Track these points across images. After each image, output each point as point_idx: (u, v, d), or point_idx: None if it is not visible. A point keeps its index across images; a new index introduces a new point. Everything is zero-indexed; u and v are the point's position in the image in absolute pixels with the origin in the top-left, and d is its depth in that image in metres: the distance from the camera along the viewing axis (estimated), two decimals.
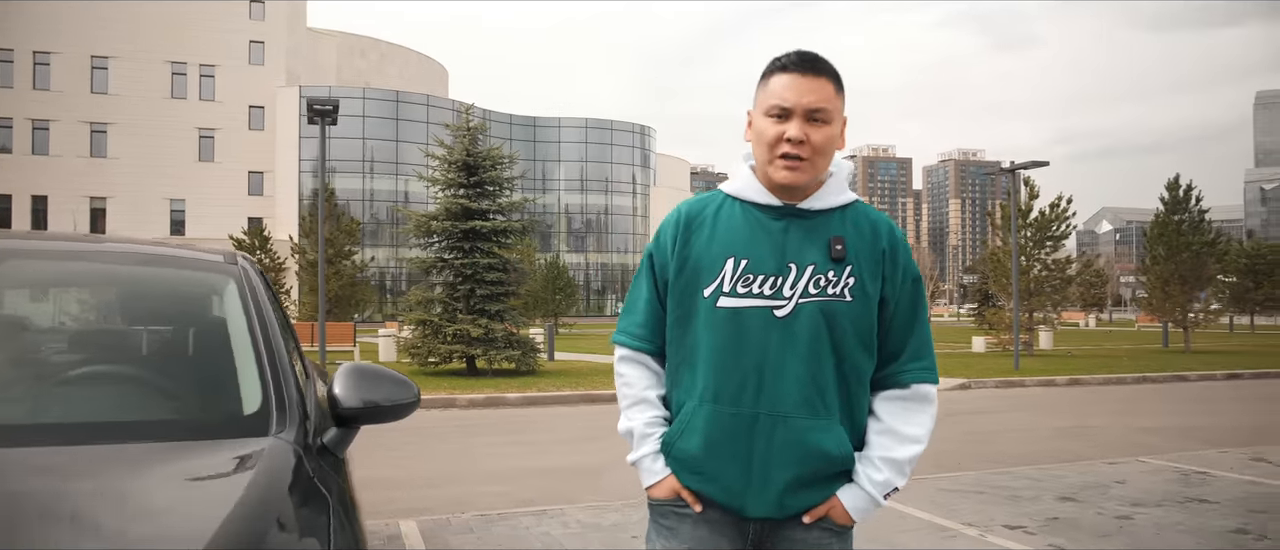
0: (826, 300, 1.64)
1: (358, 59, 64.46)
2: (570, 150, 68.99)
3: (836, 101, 1.67)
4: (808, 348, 1.63)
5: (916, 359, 1.72)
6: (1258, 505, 5.57)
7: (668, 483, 1.69)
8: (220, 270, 2.16)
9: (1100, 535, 4.83)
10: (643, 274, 1.77)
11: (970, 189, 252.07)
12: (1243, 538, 4.78)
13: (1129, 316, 65.17)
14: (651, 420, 1.73)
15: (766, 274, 1.64)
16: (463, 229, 14.39)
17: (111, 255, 2.18)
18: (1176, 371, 16.64)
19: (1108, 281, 68.58)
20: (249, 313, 1.98)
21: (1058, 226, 23.30)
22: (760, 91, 1.70)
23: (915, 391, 1.71)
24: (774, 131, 1.64)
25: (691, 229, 1.71)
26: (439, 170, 15.12)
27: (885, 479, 1.67)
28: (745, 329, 1.63)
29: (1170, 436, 8.88)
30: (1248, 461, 7.18)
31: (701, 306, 1.66)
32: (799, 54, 1.68)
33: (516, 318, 15.03)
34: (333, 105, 11.73)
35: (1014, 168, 20.15)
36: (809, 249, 1.65)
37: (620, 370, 1.79)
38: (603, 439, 9.10)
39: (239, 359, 1.87)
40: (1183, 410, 11.47)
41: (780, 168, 1.64)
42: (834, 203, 1.69)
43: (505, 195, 15.15)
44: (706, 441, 1.64)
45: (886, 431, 1.69)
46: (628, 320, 1.78)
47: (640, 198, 71.19)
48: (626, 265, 71.29)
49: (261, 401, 1.71)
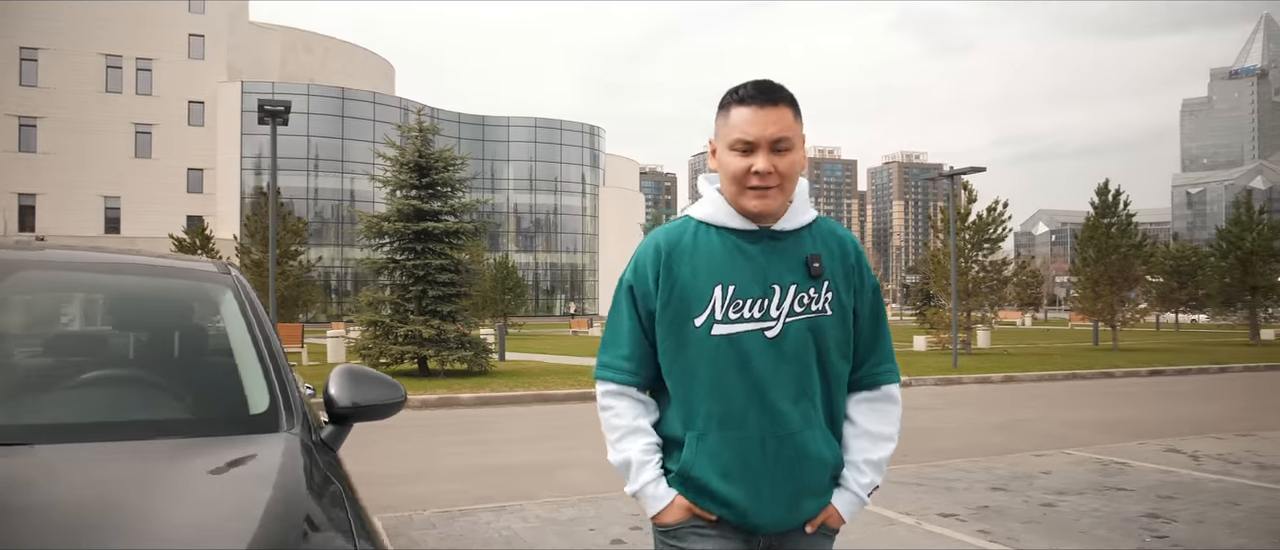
0: (811, 317, 1.69)
1: (302, 54, 63.30)
2: (519, 149, 68.76)
3: (796, 126, 1.71)
4: (797, 364, 1.69)
5: (883, 361, 1.81)
6: (1167, 492, 6.02)
7: (678, 504, 1.70)
8: (216, 280, 2.33)
9: (1025, 522, 5.20)
10: (623, 305, 1.76)
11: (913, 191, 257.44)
12: (1152, 521, 5.19)
13: (1063, 315, 67.38)
14: (646, 448, 1.72)
15: (753, 297, 1.68)
16: (415, 230, 14.43)
17: (114, 266, 2.33)
18: (1104, 369, 17.43)
19: (1043, 282, 70.74)
20: (248, 319, 2.16)
21: (995, 229, 24.14)
22: (721, 124, 1.72)
23: (884, 392, 1.81)
24: (741, 165, 1.67)
25: (673, 258, 1.72)
26: (391, 171, 15.11)
27: (869, 480, 1.76)
28: (742, 353, 1.66)
29: (1095, 430, 9.40)
30: (1162, 452, 7.68)
31: (694, 336, 1.68)
32: (756, 86, 1.70)
33: (469, 319, 15.12)
34: (284, 105, 11.68)
35: (953, 173, 20.85)
36: (788, 269, 1.70)
37: (607, 404, 1.76)
38: (557, 438, 9.29)
39: (243, 362, 2.04)
40: (1108, 405, 12.09)
41: (752, 198, 1.67)
42: (802, 221, 1.75)
43: (457, 196, 15.22)
44: (721, 469, 1.67)
45: (863, 434, 1.77)
46: (611, 353, 1.76)
47: (589, 198, 71.27)
48: (576, 265, 71.30)
49: (269, 401, 1.89)
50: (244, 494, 1.45)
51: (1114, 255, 26.51)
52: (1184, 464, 7.12)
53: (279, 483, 1.46)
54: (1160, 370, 17.63)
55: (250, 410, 1.89)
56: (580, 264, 71.39)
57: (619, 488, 6.34)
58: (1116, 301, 26.98)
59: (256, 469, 1.57)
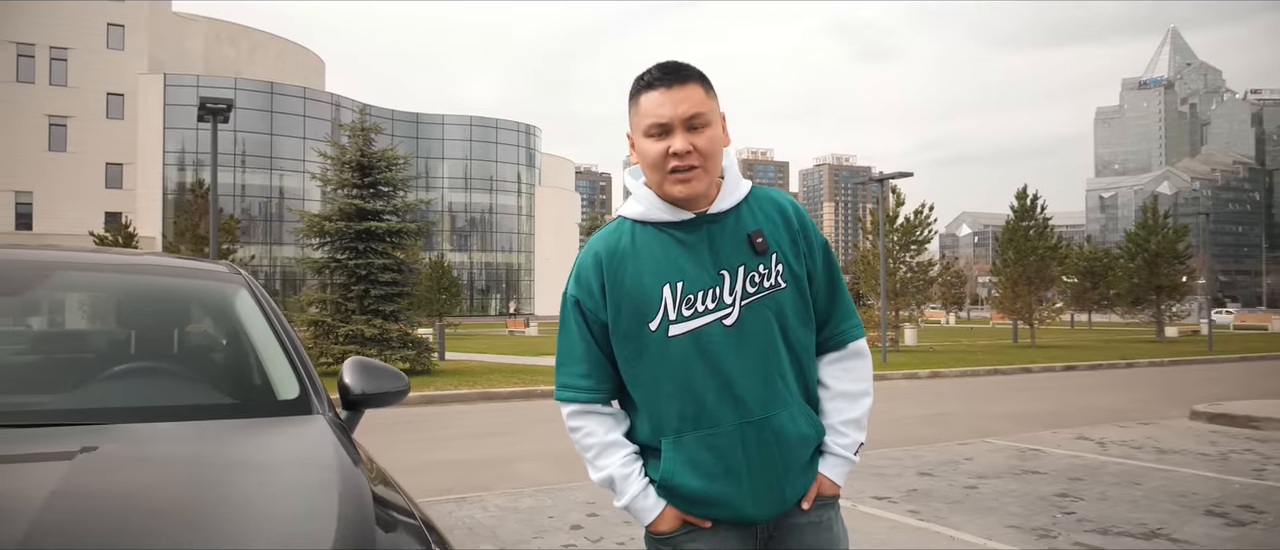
0: (766, 293, 1.64)
1: (227, 47, 61.58)
2: (454, 148, 68.14)
3: (710, 102, 1.63)
4: (762, 345, 1.63)
5: (845, 319, 1.75)
6: (1076, 474, 6.57)
7: (669, 514, 1.65)
8: (229, 280, 2.54)
9: (950, 502, 5.66)
10: (571, 321, 1.69)
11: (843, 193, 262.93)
12: (1062, 500, 5.70)
13: (985, 314, 69.87)
14: (625, 460, 1.66)
15: (704, 288, 1.62)
16: (357, 229, 14.42)
17: (137, 267, 2.52)
18: (1023, 365, 18.36)
19: (966, 282, 73.30)
20: (266, 314, 2.39)
21: (921, 231, 25.11)
22: (633, 113, 1.65)
23: (851, 349, 1.75)
24: (658, 149, 1.60)
25: (614, 265, 1.65)
26: (332, 170, 15.06)
27: (851, 440, 1.72)
28: (703, 349, 1.61)
29: (1013, 421, 10.03)
30: (1072, 439, 8.30)
31: (651, 340, 1.62)
32: (660, 68, 1.64)
33: (411, 318, 15.16)
34: (226, 103, 11.58)
35: (883, 178, 21.64)
36: (733, 251, 1.64)
37: (575, 425, 1.70)
38: (506, 433, 9.50)
39: (266, 353, 2.27)
40: (1026, 398, 12.83)
41: (675, 182, 1.61)
42: (738, 197, 1.68)
43: (400, 196, 15.24)
44: (704, 473, 1.62)
45: (838, 395, 1.72)
46: (568, 372, 1.69)
47: (525, 197, 71.04)
48: (512, 265, 71.00)
49: (299, 388, 2.13)
50: (316, 462, 1.69)
51: (1032, 257, 27.80)
52: (1092, 450, 7.73)
53: (336, 456, 1.71)
54: (1074, 366, 18.64)
55: (280, 396, 2.12)
56: (516, 264, 71.13)
57: (574, 477, 6.62)
58: (1034, 301, 28.29)
59: (314, 445, 1.81)
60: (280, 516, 1.42)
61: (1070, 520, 5.17)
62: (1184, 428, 9.21)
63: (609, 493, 1.70)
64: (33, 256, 2.36)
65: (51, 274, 2.32)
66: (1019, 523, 5.11)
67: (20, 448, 1.62)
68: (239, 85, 54.44)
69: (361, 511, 1.44)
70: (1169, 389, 14.12)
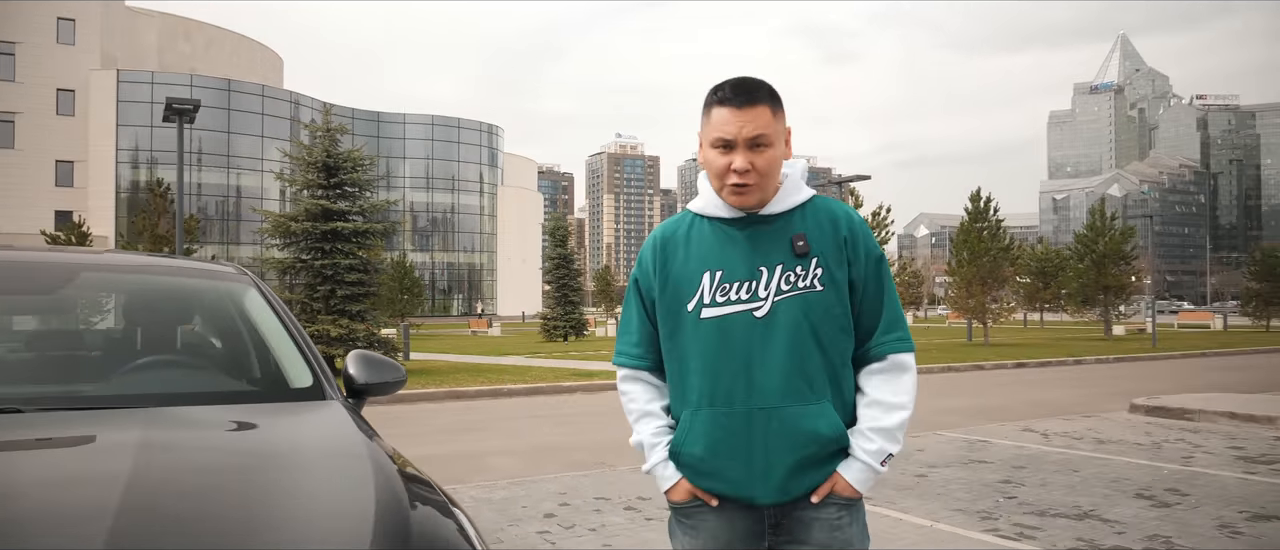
0: (799, 294, 1.73)
1: (181, 43, 60.56)
2: (415, 147, 67.74)
3: (775, 124, 1.75)
4: (789, 341, 1.72)
5: (889, 331, 1.80)
6: (1019, 463, 6.97)
7: (681, 486, 1.79)
8: (238, 280, 2.76)
9: (901, 489, 6.00)
10: (631, 297, 1.89)
11: None
12: (1005, 486, 6.08)
13: (942, 313, 71.27)
14: (657, 430, 1.83)
15: (740, 280, 1.75)
16: (323, 230, 14.47)
17: (151, 268, 2.73)
18: (976, 362, 18.94)
19: (924, 282, 74.67)
20: (275, 310, 2.61)
21: (880, 233, 25.70)
22: (704, 122, 1.78)
23: (892, 362, 1.79)
24: (721, 162, 1.74)
25: (668, 251, 1.83)
26: (298, 170, 15.08)
27: (877, 447, 1.75)
28: (729, 334, 1.73)
29: (964, 415, 10.46)
30: (1019, 432, 8.73)
31: (687, 320, 1.77)
32: (733, 86, 1.75)
33: (377, 318, 15.24)
34: (193, 104, 11.59)
35: (842, 180, 22.15)
36: (775, 250, 1.76)
37: (623, 388, 1.90)
38: (476, 430, 9.69)
39: (278, 345, 2.49)
40: (977, 394, 13.32)
41: (731, 194, 1.75)
42: (792, 204, 1.79)
43: (366, 197, 15.32)
44: (708, 444, 1.75)
45: (872, 403, 1.77)
46: (624, 341, 1.91)
47: (488, 197, 70.84)
48: (474, 265, 70.76)
49: (312, 377, 2.36)
50: (346, 439, 1.92)
51: (985, 257, 28.53)
52: (1035, 441, 8.16)
53: (360, 435, 1.95)
54: (1024, 363, 19.28)
55: (295, 384, 2.35)
56: (478, 264, 70.90)
57: (546, 470, 6.87)
58: (988, 300, 29.05)
59: (340, 425, 2.04)
60: (328, 485, 1.64)
61: (1011, 504, 5.54)
62: (1123, 420, 9.70)
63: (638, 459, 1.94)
64: (60, 258, 2.55)
65: (77, 274, 2.52)
66: (964, 507, 5.47)
67: (78, 430, 1.83)
68: (195, 82, 53.57)
69: (393, 482, 1.67)
70: (1112, 384, 14.73)
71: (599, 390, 13.59)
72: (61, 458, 1.71)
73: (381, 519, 1.49)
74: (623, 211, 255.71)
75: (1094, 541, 4.66)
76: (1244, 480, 6.31)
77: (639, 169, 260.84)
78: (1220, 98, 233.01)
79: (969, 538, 4.77)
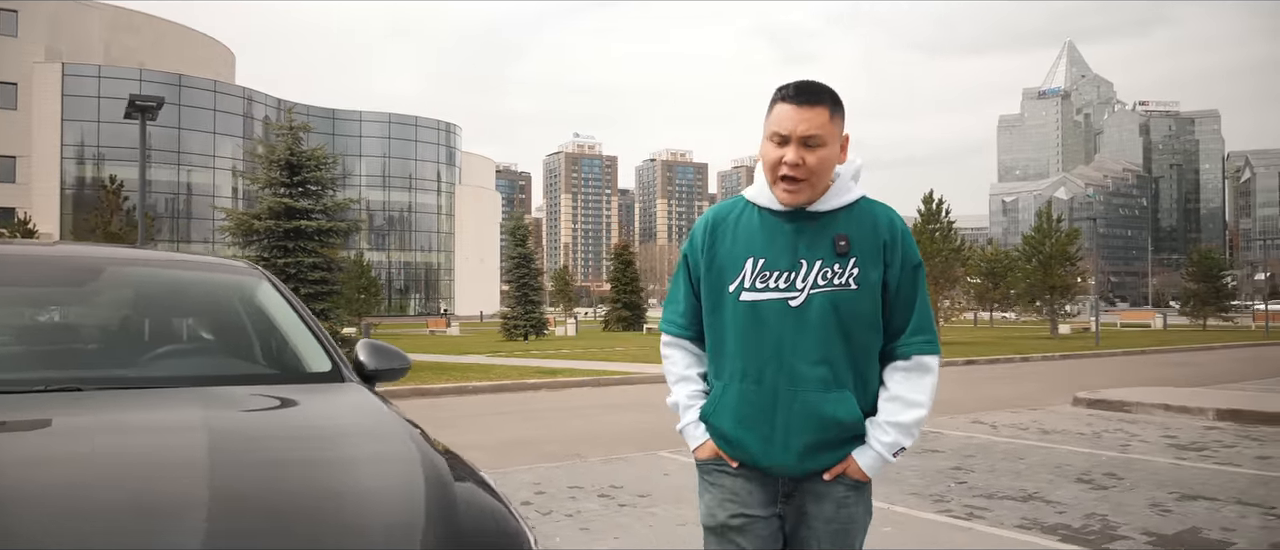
0: (834, 290, 1.84)
1: (129, 36, 59.15)
2: (372, 145, 67.02)
3: (831, 126, 1.85)
4: (818, 331, 1.83)
5: (917, 333, 1.91)
6: (969, 453, 7.35)
7: (708, 446, 1.95)
8: (250, 274, 2.94)
9: None
10: (680, 271, 2.03)
11: None
12: (957, 472, 6.44)
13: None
14: (692, 394, 1.99)
15: (781, 270, 1.86)
16: (286, 228, 14.45)
17: (171, 263, 2.91)
18: None
19: None
20: (288, 301, 2.79)
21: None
22: (767, 117, 1.89)
23: (917, 363, 1.89)
24: (775, 155, 1.85)
25: (717, 233, 1.95)
26: (261, 169, 15.02)
27: (892, 440, 1.87)
28: (764, 318, 1.85)
29: None
30: (969, 424, 9.15)
31: (728, 300, 1.90)
32: (797, 86, 1.86)
33: (341, 317, 15.25)
34: (156, 101, 11.53)
35: None
36: (817, 246, 1.86)
37: (665, 353, 2.06)
38: (445, 426, 9.81)
39: (293, 333, 2.68)
40: None
41: (781, 189, 1.86)
42: (839, 203, 1.89)
43: (329, 195, 15.32)
44: (736, 416, 1.89)
45: (893, 398, 1.89)
46: (670, 311, 2.05)
47: (445, 196, 70.41)
48: (431, 264, 70.27)
49: (330, 362, 2.55)
50: (379, 413, 2.13)
51: (938, 258, 29.27)
52: (985, 432, 8.57)
53: (388, 412, 2.16)
54: (974, 360, 19.90)
55: (314, 369, 2.54)
56: (436, 263, 70.43)
57: (520, 461, 7.07)
58: (940, 300, 29.80)
59: (367, 403, 2.25)
60: (378, 457, 1.82)
61: (962, 488, 5.89)
62: (1067, 413, 10.19)
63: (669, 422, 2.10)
64: (89, 252, 2.72)
65: (105, 268, 2.68)
66: (918, 491, 5.80)
67: (144, 405, 2.02)
68: (145, 77, 52.42)
69: (433, 455, 1.85)
70: (1057, 380, 15.33)
71: (564, 387, 13.79)
72: (144, 424, 1.90)
73: (431, 489, 1.66)
74: (580, 211, 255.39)
75: (1038, 520, 5.01)
76: (1175, 465, 6.76)
77: (597, 169, 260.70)
78: (1161, 104, 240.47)
79: (923, 518, 5.09)
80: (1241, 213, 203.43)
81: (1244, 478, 6.25)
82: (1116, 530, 4.79)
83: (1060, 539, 4.62)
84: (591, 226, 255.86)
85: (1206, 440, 8.01)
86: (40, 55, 50.52)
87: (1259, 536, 4.66)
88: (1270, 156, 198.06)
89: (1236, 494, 5.69)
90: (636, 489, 5.78)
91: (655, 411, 10.06)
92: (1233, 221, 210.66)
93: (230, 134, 56.73)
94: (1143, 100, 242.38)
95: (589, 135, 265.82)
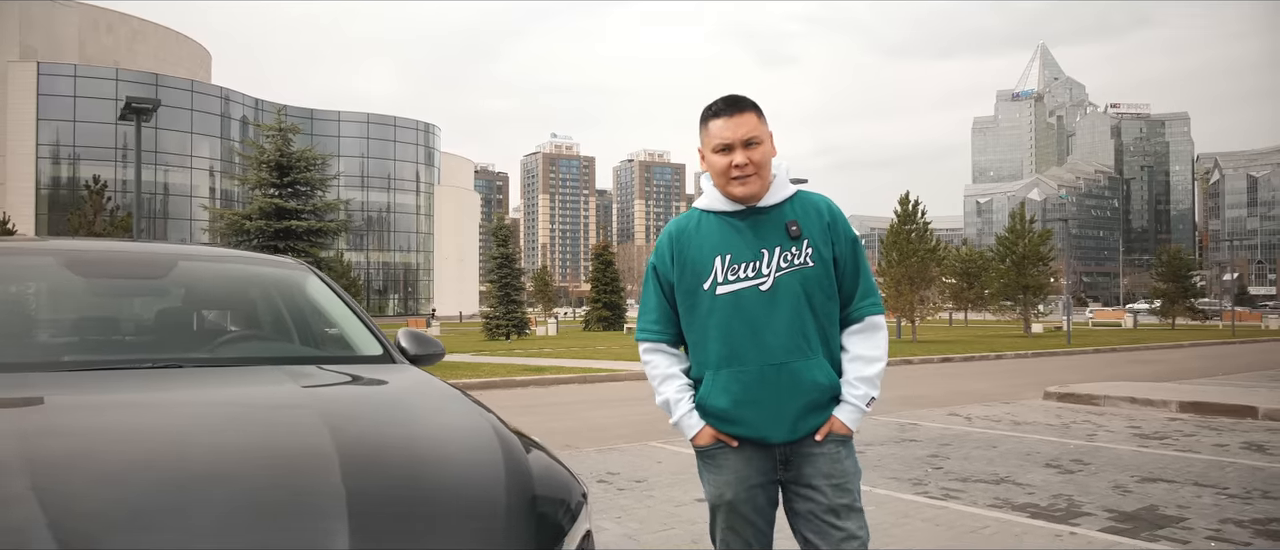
0: (796, 269, 2.11)
1: (104, 35, 58.67)
2: (350, 145, 66.78)
3: (761, 126, 2.13)
4: (790, 308, 2.10)
5: (865, 297, 2.20)
6: (945, 441, 7.73)
7: (706, 432, 2.16)
8: (298, 269, 3.23)
9: None
10: (650, 282, 2.26)
11: None
12: (933, 459, 6.81)
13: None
14: (680, 388, 2.20)
15: (747, 260, 2.12)
16: (276, 228, 14.62)
17: (227, 258, 3.18)
18: (905, 357, 19.95)
19: None
20: (336, 292, 3.08)
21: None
22: (703, 134, 2.18)
23: (868, 323, 2.20)
24: (723, 162, 2.12)
25: (682, 242, 2.20)
26: (250, 168, 15.19)
27: (862, 392, 2.15)
28: (740, 305, 2.10)
29: (896, 403, 11.25)
30: (945, 416, 9.54)
31: (703, 296, 2.14)
32: (725, 101, 2.16)
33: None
34: (153, 103, 11.68)
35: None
36: (773, 235, 2.13)
37: (646, 359, 2.26)
38: None
39: (345, 320, 2.96)
40: (907, 385, 14.20)
41: (736, 185, 2.12)
42: (781, 197, 2.17)
43: (318, 196, 15.50)
44: (731, 397, 2.11)
45: (856, 358, 2.17)
46: (645, 319, 2.26)
47: (424, 196, 70.31)
48: (410, 265, 70.13)
49: (381, 347, 2.84)
50: (442, 388, 2.41)
51: (913, 258, 29.81)
52: (960, 423, 8.96)
53: (449, 387, 2.45)
54: (950, 357, 20.39)
55: (366, 352, 2.82)
56: (415, 263, 70.31)
57: None
58: (916, 300, 30.35)
59: (425, 376, 2.54)
60: (457, 426, 2.07)
61: (939, 473, 6.26)
62: (1038, 405, 10.62)
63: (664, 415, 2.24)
64: (160, 249, 3.01)
65: (177, 263, 2.96)
66: (898, 475, 6.16)
67: (244, 378, 2.31)
68: (121, 76, 52.07)
69: (501, 426, 2.11)
70: (1029, 376, 15.81)
71: (552, 384, 14.07)
72: (249, 393, 2.18)
73: (507, 455, 1.90)
74: (558, 212, 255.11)
75: (1008, 500, 5.38)
76: (1138, 452, 7.17)
77: (574, 169, 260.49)
78: (1133, 106, 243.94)
79: (902, 498, 5.44)
80: (1211, 214, 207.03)
81: (1201, 463, 6.67)
82: (1081, 508, 5.17)
83: (1029, 516, 4.99)
84: (569, 227, 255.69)
85: (1169, 430, 8.45)
86: (15, 54, 50.07)
87: (1212, 513, 5.05)
88: (1238, 158, 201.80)
89: (1193, 477, 6.10)
90: (632, 475, 6.08)
91: (643, 405, 10.38)
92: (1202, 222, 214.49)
93: (207, 134, 56.42)
94: (1114, 102, 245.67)
95: (567, 136, 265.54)
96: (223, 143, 57.17)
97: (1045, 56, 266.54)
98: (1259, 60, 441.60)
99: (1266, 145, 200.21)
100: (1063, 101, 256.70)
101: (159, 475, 1.57)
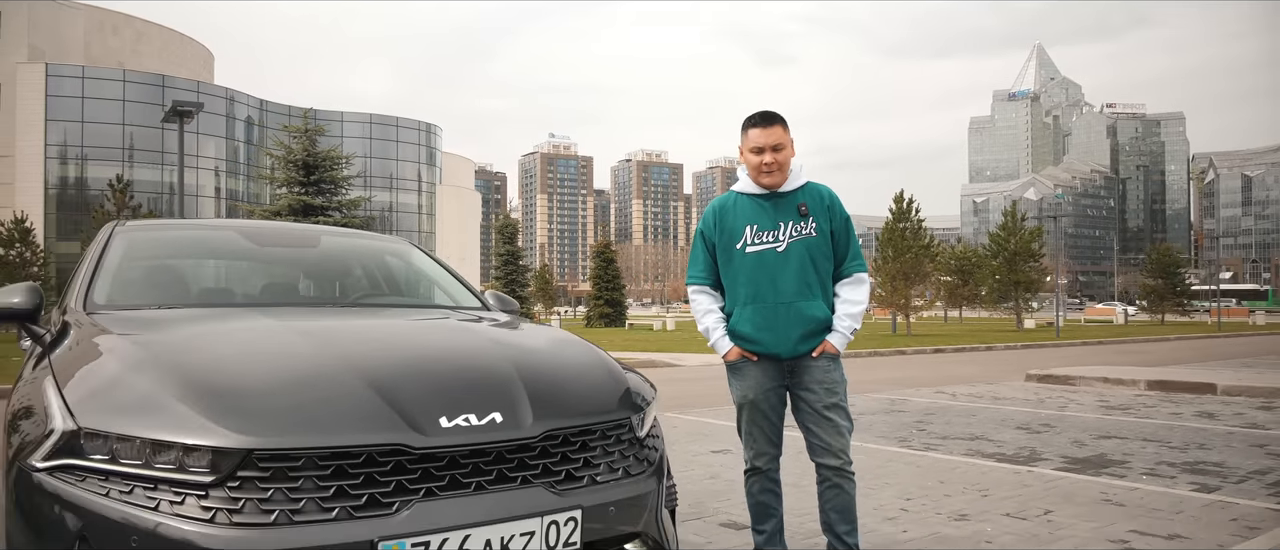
0: (803, 237, 2.97)
1: (109, 36, 59.38)
2: (353, 145, 67.37)
3: (785, 135, 2.98)
4: (797, 264, 2.95)
5: (854, 260, 3.08)
6: (930, 412, 8.59)
7: (734, 350, 3.04)
8: (404, 244, 4.08)
9: None
10: (698, 241, 3.14)
11: None
12: (919, 424, 7.67)
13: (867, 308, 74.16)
14: (717, 321, 3.08)
15: (768, 229, 2.99)
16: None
17: (359, 235, 4.05)
18: (898, 348, 20.82)
19: None
20: (435, 259, 3.93)
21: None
22: (743, 137, 3.02)
23: (856, 278, 3.07)
24: (757, 160, 2.98)
25: (722, 213, 3.07)
26: (279, 168, 16.00)
27: (848, 325, 3.01)
28: (762, 261, 2.96)
29: (888, 384, 12.11)
30: (932, 394, 10.40)
31: (736, 254, 3.02)
32: (761, 115, 3.00)
33: None
34: (196, 105, 12.48)
35: None
36: (788, 212, 2.99)
37: (694, 297, 3.14)
38: None
39: (444, 280, 3.80)
40: (899, 370, 15.05)
41: (764, 177, 2.99)
42: (795, 185, 3.03)
43: (341, 193, 16.33)
44: (753, 325, 2.99)
45: (845, 301, 3.04)
46: (694, 269, 3.14)
47: (426, 196, 71.02)
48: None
49: (478, 300, 3.67)
50: (549, 329, 3.23)
51: (907, 255, 30.67)
52: (945, 399, 9.82)
53: (553, 328, 3.30)
54: (942, 348, 21.26)
55: (467, 304, 3.65)
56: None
57: None
58: (911, 295, 31.21)
59: (523, 319, 3.38)
60: (574, 352, 2.74)
61: (923, 434, 7.12)
62: (1019, 385, 11.49)
63: None
64: (308, 228, 3.88)
65: (321, 237, 3.80)
66: (885, 435, 7.02)
67: (389, 312, 3.14)
68: (127, 77, 52.77)
69: (604, 352, 2.91)
70: (1016, 363, 16.68)
71: None
72: (423, 321, 2.96)
73: (607, 358, 2.71)
74: (556, 211, 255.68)
75: (979, 451, 6.25)
76: (1101, 419, 8.04)
77: (572, 169, 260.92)
78: (1128, 106, 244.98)
79: (888, 450, 6.30)
80: (1206, 213, 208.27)
81: (1153, 426, 7.54)
82: (1040, 455, 6.04)
83: (996, 461, 5.85)
84: (567, 226, 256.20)
85: (1134, 403, 9.31)
86: (23, 55, 50.74)
87: (1151, 458, 5.91)
88: (1233, 157, 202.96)
89: (1144, 435, 6.97)
90: None
91: (657, 384, 11.21)
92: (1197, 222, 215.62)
93: (213, 134, 57.13)
94: (1110, 102, 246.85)
95: (565, 136, 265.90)
96: (228, 143, 57.95)
97: (1042, 56, 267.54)
98: (1255, 60, 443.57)
99: (1261, 144, 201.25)
100: (1059, 101, 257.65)
101: (402, 354, 2.39)
